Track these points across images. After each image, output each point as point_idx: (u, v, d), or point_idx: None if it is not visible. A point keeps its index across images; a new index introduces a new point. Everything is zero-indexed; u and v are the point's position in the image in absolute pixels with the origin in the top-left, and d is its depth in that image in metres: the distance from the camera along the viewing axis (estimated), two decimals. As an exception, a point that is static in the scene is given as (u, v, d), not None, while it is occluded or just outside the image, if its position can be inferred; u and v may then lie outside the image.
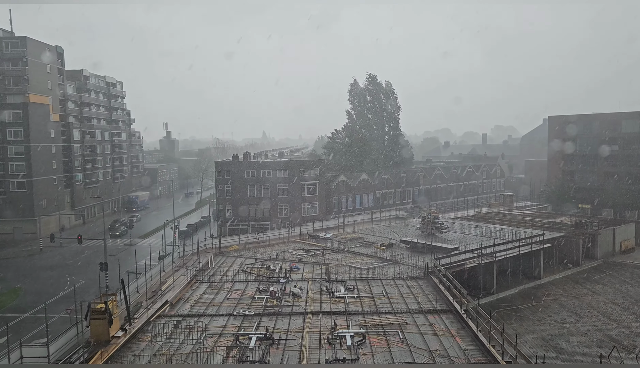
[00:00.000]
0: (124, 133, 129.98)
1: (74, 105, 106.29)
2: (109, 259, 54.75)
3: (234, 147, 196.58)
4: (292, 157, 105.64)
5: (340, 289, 36.03)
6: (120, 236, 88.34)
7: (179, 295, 35.19)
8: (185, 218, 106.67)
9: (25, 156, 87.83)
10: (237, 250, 53.67)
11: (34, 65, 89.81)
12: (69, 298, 48.12)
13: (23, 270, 66.19)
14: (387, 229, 64.63)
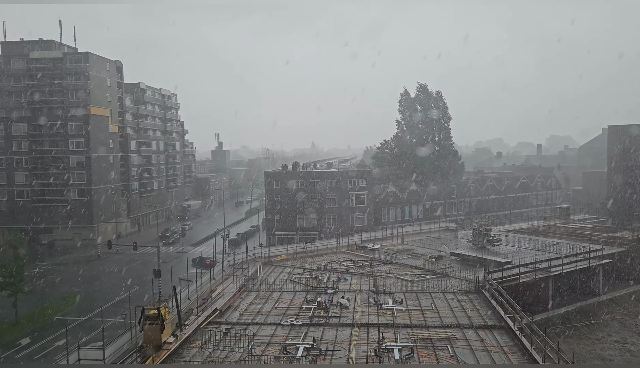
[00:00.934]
0: (178, 143, 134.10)
1: (131, 116, 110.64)
2: (161, 266, 56.34)
3: (284, 157, 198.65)
4: (341, 167, 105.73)
5: (388, 301, 35.58)
6: (172, 244, 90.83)
7: (228, 303, 35.71)
8: (235, 227, 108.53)
9: (86, 166, 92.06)
10: (285, 259, 54.03)
11: (95, 79, 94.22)
12: (124, 303, 49.79)
13: (82, 275, 69.09)
14: (436, 241, 63.44)
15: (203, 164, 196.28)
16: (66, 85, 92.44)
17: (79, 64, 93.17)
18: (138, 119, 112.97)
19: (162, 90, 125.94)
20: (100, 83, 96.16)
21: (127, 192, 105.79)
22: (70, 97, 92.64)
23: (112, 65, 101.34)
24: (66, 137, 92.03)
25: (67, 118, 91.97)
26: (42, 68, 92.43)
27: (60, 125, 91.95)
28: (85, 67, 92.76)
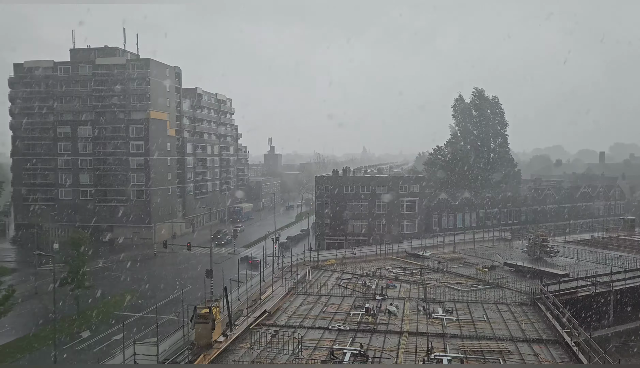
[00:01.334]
0: (232, 147, 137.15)
1: (188, 121, 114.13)
2: (214, 267, 57.69)
3: (334, 162, 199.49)
4: (392, 173, 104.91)
5: (438, 310, 34.94)
6: (224, 245, 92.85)
7: (277, 306, 36.11)
8: (285, 231, 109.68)
9: (145, 168, 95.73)
10: (334, 264, 54.08)
11: (155, 84, 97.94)
12: (177, 302, 51.34)
13: (139, 273, 71.76)
14: (489, 250, 61.72)
15: (255, 167, 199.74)
16: (128, 90, 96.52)
17: (141, 69, 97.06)
18: (194, 122, 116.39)
19: (217, 95, 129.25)
20: (159, 88, 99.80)
21: (182, 193, 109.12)
22: (131, 101, 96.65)
23: (171, 71, 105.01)
24: (127, 140, 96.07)
25: (128, 121, 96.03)
26: (107, 74, 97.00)
27: (122, 128, 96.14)
28: (146, 72, 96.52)
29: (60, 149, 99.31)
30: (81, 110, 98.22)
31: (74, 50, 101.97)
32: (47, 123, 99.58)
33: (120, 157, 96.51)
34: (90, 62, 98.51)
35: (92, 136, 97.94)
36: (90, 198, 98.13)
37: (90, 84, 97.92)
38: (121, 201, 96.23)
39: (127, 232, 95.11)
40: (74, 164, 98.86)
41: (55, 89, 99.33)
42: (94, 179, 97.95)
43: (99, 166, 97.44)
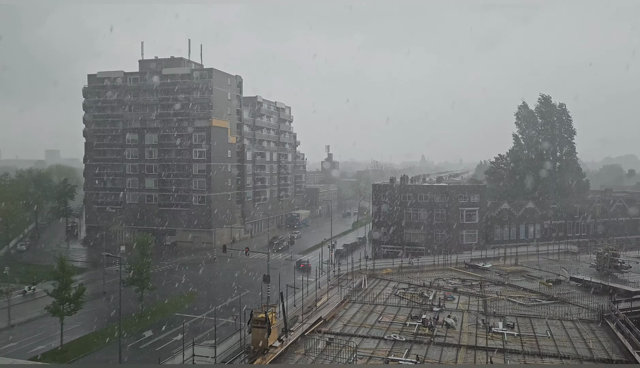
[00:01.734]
0: (290, 154, 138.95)
1: (248, 128, 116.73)
2: (270, 272, 58.46)
3: (392, 170, 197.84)
4: (451, 181, 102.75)
5: (498, 324, 33.76)
6: (281, 251, 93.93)
7: (332, 313, 36.09)
8: (341, 238, 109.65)
9: (206, 174, 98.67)
10: (390, 273, 53.50)
11: (217, 93, 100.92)
12: (235, 305, 52.38)
13: (199, 276, 73.83)
14: (554, 264, 59.07)
15: (313, 174, 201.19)
16: (192, 99, 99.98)
17: (204, 79, 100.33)
18: (254, 130, 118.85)
19: (277, 103, 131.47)
20: (221, 97, 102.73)
21: (242, 199, 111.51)
22: (195, 109, 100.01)
23: (232, 80, 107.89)
24: (190, 147, 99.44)
25: (191, 129, 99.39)
26: (172, 83, 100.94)
27: (185, 135, 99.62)
28: (209, 82, 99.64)
29: (128, 155, 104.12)
30: (148, 118, 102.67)
31: (143, 61, 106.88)
32: (116, 130, 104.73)
33: (183, 163, 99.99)
34: (157, 72, 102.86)
35: (157, 143, 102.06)
36: (155, 202, 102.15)
37: (156, 93, 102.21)
38: (183, 206, 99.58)
39: (189, 235, 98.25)
40: (140, 170, 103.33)
41: (125, 98, 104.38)
42: (158, 184, 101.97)
43: (163, 172, 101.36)
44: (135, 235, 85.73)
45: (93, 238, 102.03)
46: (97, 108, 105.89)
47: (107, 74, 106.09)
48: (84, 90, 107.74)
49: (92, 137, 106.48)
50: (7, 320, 50.93)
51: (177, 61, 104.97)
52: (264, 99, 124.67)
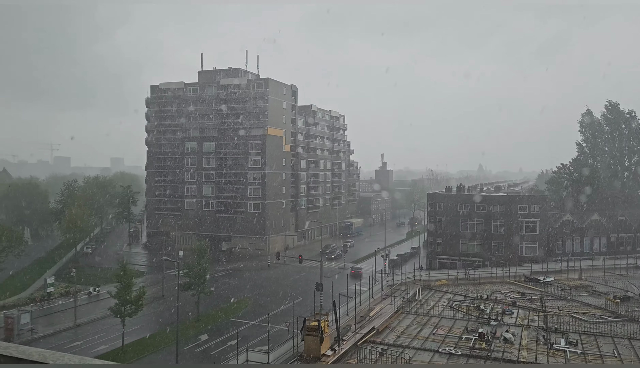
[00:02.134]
0: (343, 163, 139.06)
1: (302, 137, 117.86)
2: (323, 280, 58.49)
3: (448, 179, 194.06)
4: (510, 191, 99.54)
5: (560, 341, 32.27)
6: (335, 259, 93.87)
7: (385, 324, 35.66)
8: (395, 248, 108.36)
9: (261, 181, 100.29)
10: (445, 284, 52.33)
11: (273, 102, 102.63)
12: (288, 313, 52.71)
13: (253, 282, 74.92)
14: (622, 279, 55.93)
15: (366, 183, 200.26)
16: (248, 108, 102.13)
17: (260, 89, 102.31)
18: (308, 139, 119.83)
19: (331, 111, 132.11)
20: (277, 106, 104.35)
21: (295, 207, 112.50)
22: (251, 119, 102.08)
23: (287, 89, 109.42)
24: (246, 155, 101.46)
25: (247, 138, 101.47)
26: (230, 93, 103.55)
27: (242, 144, 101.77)
28: (265, 91, 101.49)
29: (187, 163, 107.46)
30: (206, 127, 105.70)
31: (202, 72, 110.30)
32: (176, 139, 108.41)
33: (239, 171, 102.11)
34: (215, 83, 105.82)
35: (214, 151, 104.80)
36: (212, 209, 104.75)
37: (214, 102, 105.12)
38: (239, 212, 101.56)
39: (243, 242, 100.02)
40: (199, 177, 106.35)
41: (185, 107, 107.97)
42: (215, 191, 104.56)
43: (220, 179, 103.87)
44: (193, 241, 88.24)
45: (153, 243, 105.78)
46: (158, 117, 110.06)
47: (168, 84, 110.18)
48: (147, 101, 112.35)
49: (153, 145, 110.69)
50: (73, 319, 53.53)
51: (234, 72, 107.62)
52: (318, 107, 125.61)
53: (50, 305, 60.11)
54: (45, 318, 55.04)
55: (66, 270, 79.76)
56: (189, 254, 66.33)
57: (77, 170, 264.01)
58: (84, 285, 68.30)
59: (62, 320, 54.26)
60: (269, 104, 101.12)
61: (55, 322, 53.91)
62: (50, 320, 54.66)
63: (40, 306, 59.07)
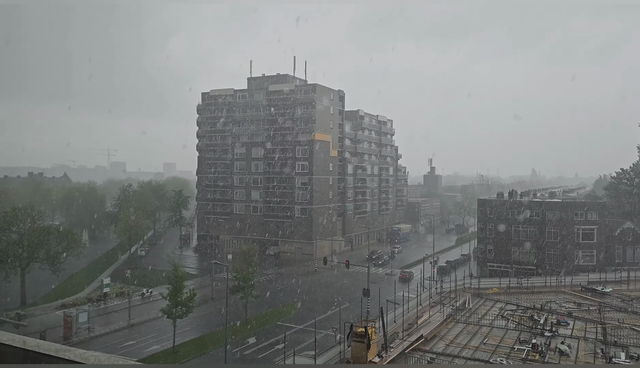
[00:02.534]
0: (391, 168, 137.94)
1: (349, 142, 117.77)
2: (370, 286, 58.05)
3: (499, 185, 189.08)
4: (566, 197, 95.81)
5: (620, 355, 30.69)
6: (382, 265, 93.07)
7: (434, 332, 35.01)
8: (444, 254, 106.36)
9: (309, 186, 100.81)
10: (497, 293, 50.87)
11: (320, 107, 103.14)
12: (334, 318, 52.60)
13: (300, 286, 75.24)
14: (689, 291, 52.69)
15: (415, 188, 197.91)
16: (296, 113, 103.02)
17: (308, 94, 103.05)
18: (356, 144, 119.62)
19: (378, 116, 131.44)
20: (324, 111, 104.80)
21: (342, 212, 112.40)
22: (298, 124, 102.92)
23: (335, 95, 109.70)
24: (294, 160, 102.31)
25: (295, 143, 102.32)
26: (278, 99, 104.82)
27: (289, 149, 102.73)
28: (313, 97, 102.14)
29: (236, 168, 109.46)
30: (255, 133, 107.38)
31: (251, 79, 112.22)
32: (226, 145, 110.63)
33: (287, 176, 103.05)
34: (264, 89, 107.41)
35: (263, 156, 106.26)
36: (260, 213, 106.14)
37: (263, 108, 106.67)
38: (286, 217, 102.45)
39: (291, 246, 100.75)
40: (247, 182, 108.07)
41: (234, 114, 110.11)
42: (263, 196, 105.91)
43: (268, 184, 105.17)
44: (241, 245, 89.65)
45: (203, 246, 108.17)
46: (209, 124, 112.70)
47: (218, 91, 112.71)
48: (198, 107, 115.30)
49: (204, 151, 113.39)
50: (127, 319, 55.40)
51: (282, 78, 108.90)
52: (366, 112, 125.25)
53: (106, 305, 62.51)
54: (102, 318, 57.23)
55: (121, 271, 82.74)
56: (238, 258, 67.48)
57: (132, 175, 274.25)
58: (137, 286, 70.61)
59: (117, 320, 56.27)
60: (316, 109, 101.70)
61: (110, 322, 55.96)
62: (106, 320, 56.79)
63: (97, 306, 61.52)
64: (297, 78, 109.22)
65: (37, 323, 53.05)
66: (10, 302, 61.41)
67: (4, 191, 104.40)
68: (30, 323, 51.51)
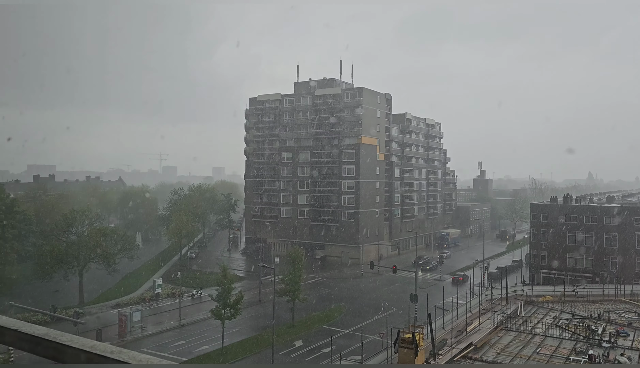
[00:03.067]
0: (439, 171, 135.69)
1: (396, 145, 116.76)
2: (418, 292, 57.18)
3: (553, 189, 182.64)
4: (625, 202, 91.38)
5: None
6: (430, 270, 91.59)
7: (484, 340, 34.09)
8: (495, 260, 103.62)
9: (355, 190, 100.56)
10: (550, 301, 49.04)
11: (367, 111, 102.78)
12: (381, 323, 52.12)
13: (347, 290, 75.06)
14: None
15: (464, 192, 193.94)
16: (343, 117, 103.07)
17: (354, 98, 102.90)
18: (403, 147, 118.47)
19: (426, 119, 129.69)
20: (371, 115, 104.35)
21: (389, 216, 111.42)
22: (345, 128, 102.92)
23: (382, 98, 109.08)
24: (340, 164, 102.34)
25: (341, 147, 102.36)
26: (324, 103, 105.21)
27: (336, 153, 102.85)
28: (359, 101, 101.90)
29: (283, 172, 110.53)
30: (302, 137, 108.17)
31: (298, 84, 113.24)
32: (273, 149, 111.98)
33: (333, 179, 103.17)
34: (311, 93, 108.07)
35: (309, 160, 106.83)
36: (306, 217, 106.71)
37: (310, 112, 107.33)
38: (333, 221, 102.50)
39: (337, 250, 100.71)
40: (294, 186, 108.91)
41: (281, 118, 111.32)
42: (309, 200, 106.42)
43: (314, 188, 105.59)
44: (288, 248, 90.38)
45: (251, 249, 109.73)
46: (256, 128, 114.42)
47: (266, 96, 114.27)
48: (246, 112, 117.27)
49: (251, 155, 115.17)
50: (178, 319, 56.84)
51: (329, 82, 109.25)
52: (413, 115, 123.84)
53: (158, 305, 64.38)
54: (154, 317, 58.96)
55: (172, 272, 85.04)
56: (284, 261, 68.02)
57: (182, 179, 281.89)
58: (187, 287, 72.38)
59: (168, 320, 57.82)
60: (363, 112, 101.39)
61: (162, 321, 57.56)
62: (158, 319, 58.45)
63: (150, 306, 63.45)
64: (344, 82, 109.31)
65: (94, 321, 55.26)
66: (69, 300, 64.25)
67: (64, 195, 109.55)
68: (88, 321, 53.68)
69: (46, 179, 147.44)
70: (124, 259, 70.90)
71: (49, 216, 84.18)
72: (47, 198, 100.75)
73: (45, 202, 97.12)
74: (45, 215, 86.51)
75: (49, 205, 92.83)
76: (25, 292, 64.53)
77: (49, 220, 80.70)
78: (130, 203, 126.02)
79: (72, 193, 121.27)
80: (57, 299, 63.10)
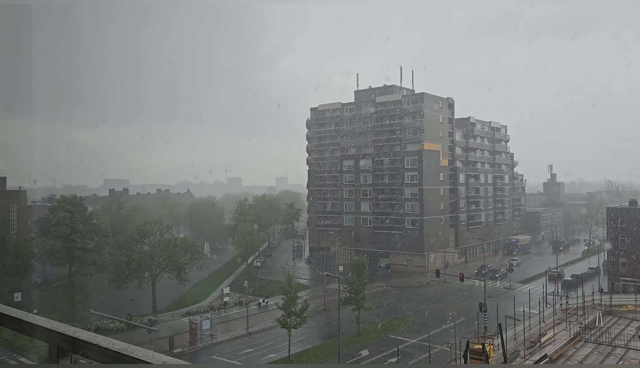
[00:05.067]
0: (507, 176, 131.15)
1: (461, 150, 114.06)
2: (487, 301, 55.35)
3: (632, 191, 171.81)
4: None
5: None
6: (499, 278, 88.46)
7: (560, 351, 32.50)
8: (569, 268, 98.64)
9: (419, 197, 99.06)
10: (632, 311, 46.04)
11: (428, 116, 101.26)
12: (449, 333, 50.84)
13: (412, 299, 73.86)
14: None
15: (534, 197, 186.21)
16: (404, 124, 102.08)
17: (415, 104, 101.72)
18: (467, 152, 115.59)
19: (491, 122, 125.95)
20: (433, 120, 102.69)
21: (455, 223, 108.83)
22: (407, 134, 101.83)
23: (444, 103, 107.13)
24: (402, 171, 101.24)
25: (403, 153, 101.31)
26: (385, 110, 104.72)
27: (398, 160, 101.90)
28: (420, 106, 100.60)
29: (344, 181, 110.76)
30: (363, 145, 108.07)
31: (358, 92, 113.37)
32: (334, 158, 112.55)
33: (396, 187, 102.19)
34: (371, 101, 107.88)
35: (371, 168, 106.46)
36: (369, 225, 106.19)
37: (370, 120, 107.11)
38: (396, 229, 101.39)
39: (401, 258, 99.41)
40: (356, 194, 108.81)
41: (342, 127, 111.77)
42: (372, 208, 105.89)
43: (377, 196, 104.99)
44: (352, 256, 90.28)
45: (315, 257, 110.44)
46: (318, 138, 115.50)
47: (326, 106, 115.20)
48: (307, 122, 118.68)
49: (313, 164, 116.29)
50: (246, 328, 58.05)
51: (389, 89, 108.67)
52: (477, 119, 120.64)
53: (227, 314, 66.08)
54: (222, 325, 60.53)
55: (239, 281, 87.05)
56: (348, 269, 67.97)
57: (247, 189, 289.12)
58: (254, 296, 73.83)
59: (236, 328, 59.16)
60: (424, 118, 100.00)
61: (230, 329, 58.99)
62: (227, 327, 59.95)
63: (218, 314, 65.25)
64: (404, 88, 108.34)
65: (166, 328, 57.46)
66: (143, 308, 67.24)
67: (137, 207, 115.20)
68: (160, 329, 55.91)
69: (120, 192, 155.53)
70: (194, 268, 73.32)
71: (124, 228, 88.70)
72: (121, 211, 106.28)
73: (119, 214, 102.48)
74: (120, 227, 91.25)
75: (124, 218, 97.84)
76: (105, 300, 68.23)
77: (124, 231, 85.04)
78: (199, 214, 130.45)
79: (144, 205, 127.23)
80: (132, 307, 66.19)
